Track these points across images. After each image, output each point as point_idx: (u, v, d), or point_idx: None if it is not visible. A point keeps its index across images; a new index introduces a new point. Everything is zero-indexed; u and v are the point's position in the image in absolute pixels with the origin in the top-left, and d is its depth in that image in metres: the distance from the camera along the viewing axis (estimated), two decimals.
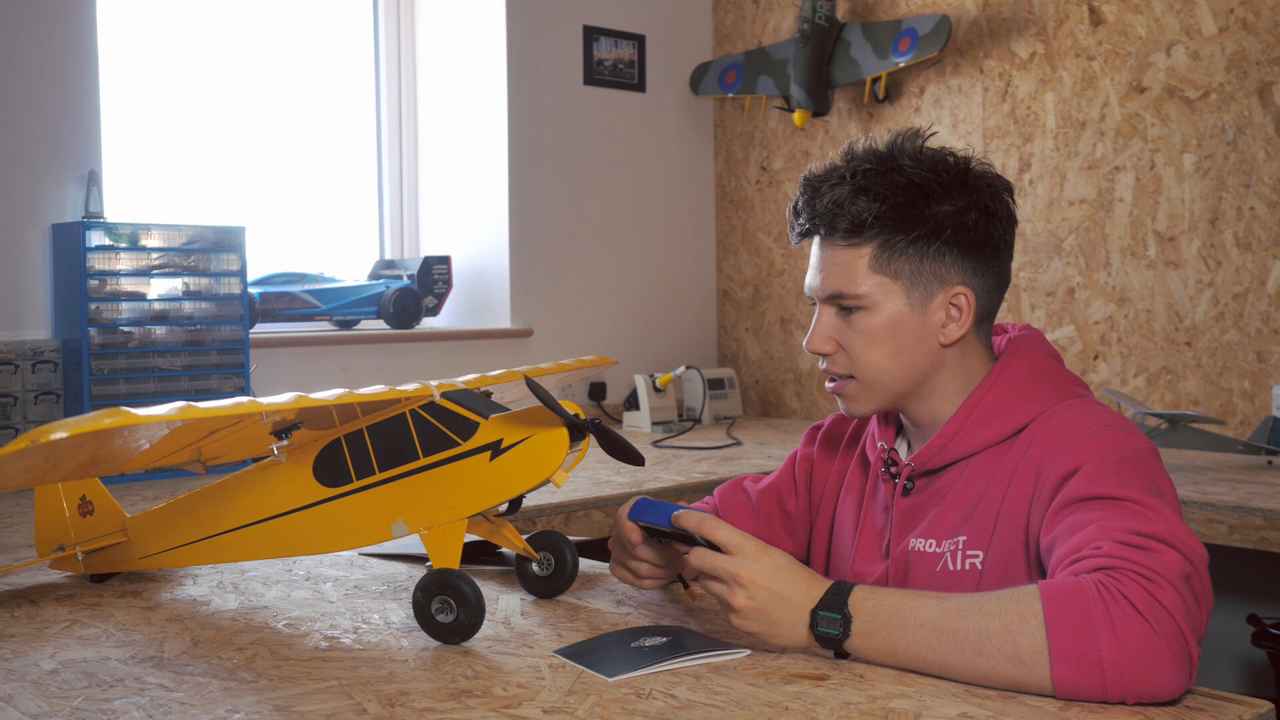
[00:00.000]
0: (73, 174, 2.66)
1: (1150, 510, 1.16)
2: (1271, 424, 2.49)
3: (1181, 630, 1.06)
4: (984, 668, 1.09)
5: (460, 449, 1.25)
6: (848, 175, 1.41)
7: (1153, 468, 1.26)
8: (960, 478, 1.41)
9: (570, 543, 1.43)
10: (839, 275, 1.41)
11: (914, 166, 1.40)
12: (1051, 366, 1.44)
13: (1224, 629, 2.80)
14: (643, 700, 1.07)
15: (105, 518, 1.53)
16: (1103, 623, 1.05)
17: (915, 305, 1.41)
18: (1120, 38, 2.98)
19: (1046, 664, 1.06)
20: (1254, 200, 2.78)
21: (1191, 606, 1.09)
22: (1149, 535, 1.12)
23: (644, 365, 3.67)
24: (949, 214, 1.39)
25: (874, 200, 1.38)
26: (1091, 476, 1.23)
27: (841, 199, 1.39)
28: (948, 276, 1.41)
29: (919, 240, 1.39)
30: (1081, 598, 1.07)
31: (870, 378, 1.42)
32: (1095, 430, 1.30)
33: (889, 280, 1.40)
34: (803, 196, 1.44)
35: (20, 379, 2.51)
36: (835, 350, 1.43)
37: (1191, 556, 1.12)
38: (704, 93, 3.75)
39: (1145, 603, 1.06)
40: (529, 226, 3.46)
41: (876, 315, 1.40)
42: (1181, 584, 1.09)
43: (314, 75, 3.42)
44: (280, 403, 1.21)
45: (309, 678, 1.15)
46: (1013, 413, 1.39)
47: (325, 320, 3.22)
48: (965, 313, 1.42)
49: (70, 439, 1.06)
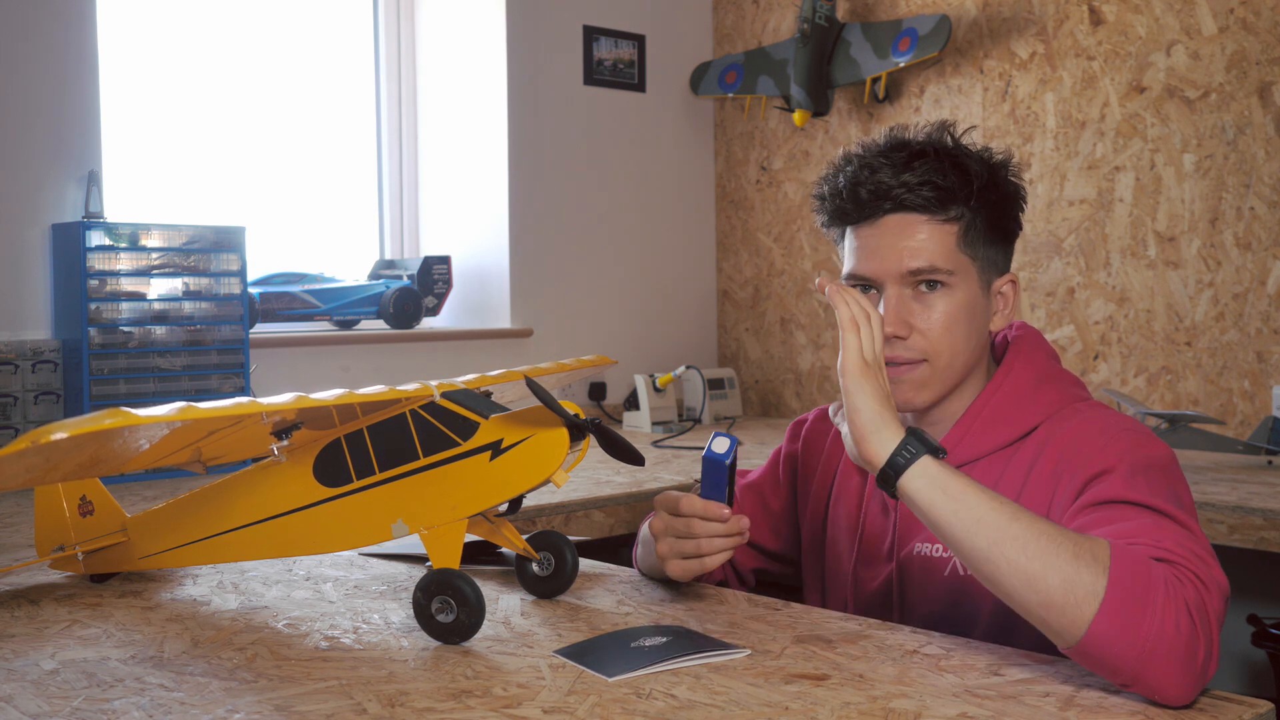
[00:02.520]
0: (73, 174, 2.66)
1: (1186, 529, 1.15)
2: (1271, 424, 2.49)
3: (1213, 644, 1.06)
4: (1036, 571, 1.07)
5: (460, 449, 1.25)
6: (929, 150, 1.37)
7: (1174, 477, 1.25)
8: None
9: (570, 543, 1.43)
10: (926, 251, 1.35)
11: (984, 154, 1.40)
12: (1053, 368, 1.43)
13: (1224, 629, 2.80)
14: (643, 700, 1.07)
15: (105, 518, 1.53)
16: (1160, 603, 1.04)
17: (983, 290, 1.40)
18: (1120, 38, 2.98)
19: (1094, 610, 1.04)
20: (1254, 200, 2.78)
21: (1220, 627, 1.09)
22: (1203, 551, 1.13)
23: (644, 365, 3.67)
24: (1011, 203, 1.41)
25: (967, 178, 1.36)
26: (1125, 481, 1.21)
27: (930, 172, 1.35)
28: (1002, 264, 1.42)
29: (993, 225, 1.39)
30: (1148, 572, 1.06)
31: (946, 361, 1.37)
32: (1116, 434, 1.29)
33: (969, 261, 1.38)
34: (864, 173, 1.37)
35: (20, 379, 2.51)
36: (910, 333, 1.37)
37: (1225, 582, 1.13)
38: (704, 93, 3.75)
39: (1198, 606, 1.06)
40: (529, 226, 3.46)
41: (957, 295, 1.37)
42: (1223, 602, 1.10)
43: (314, 75, 3.42)
44: (280, 403, 1.21)
45: (309, 678, 1.15)
46: (1019, 417, 1.38)
47: (325, 320, 3.22)
48: (1010, 302, 1.43)
49: (70, 439, 1.06)
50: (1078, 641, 1.06)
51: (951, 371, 1.38)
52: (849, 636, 1.26)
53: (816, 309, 3.66)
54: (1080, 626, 1.05)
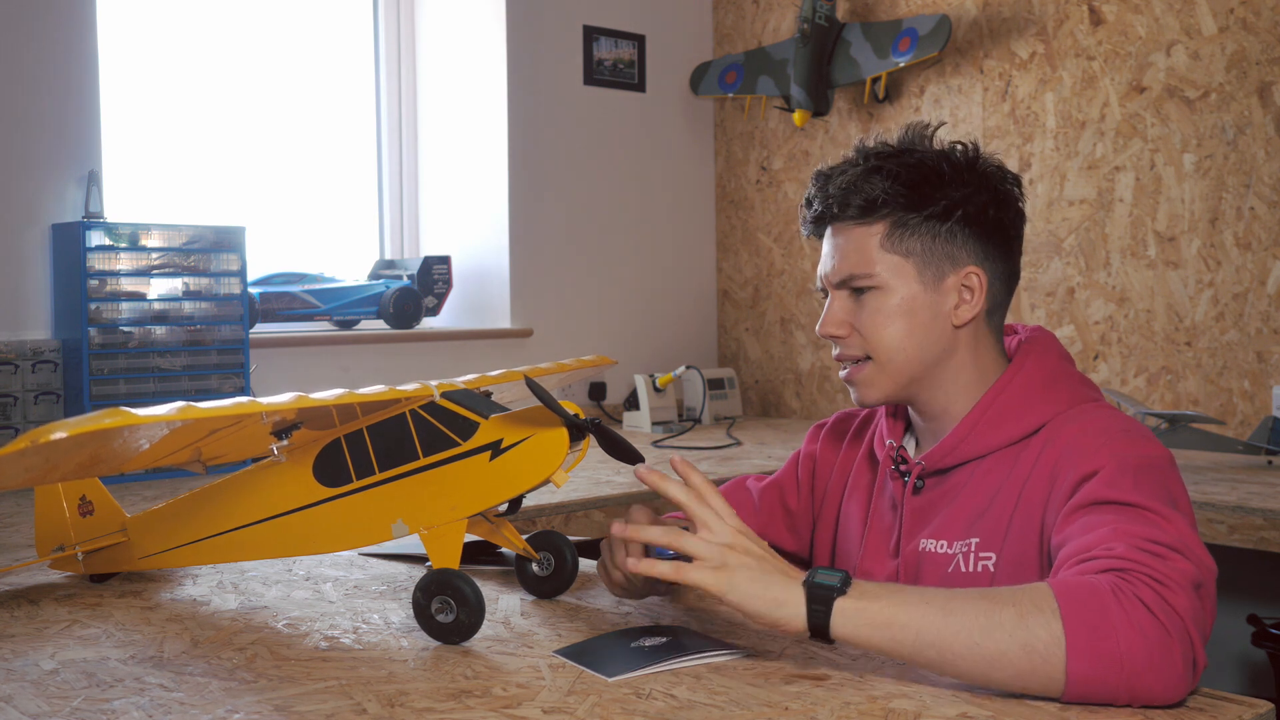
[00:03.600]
0: (73, 174, 2.66)
1: (1165, 520, 1.15)
2: (1271, 424, 2.49)
3: (1191, 634, 1.05)
4: (992, 652, 1.06)
5: (460, 449, 1.25)
6: (860, 160, 1.44)
7: (1170, 477, 1.25)
8: (972, 478, 1.40)
9: (570, 543, 1.43)
10: (851, 257, 1.42)
11: (925, 152, 1.44)
12: (1065, 369, 1.44)
13: (1224, 629, 2.80)
14: (643, 700, 1.07)
15: (105, 518, 1.53)
16: (1119, 620, 1.04)
17: (928, 285, 1.41)
18: (1120, 38, 2.98)
19: (1062, 657, 1.04)
20: (1254, 200, 2.78)
21: (1199, 614, 1.08)
22: (1163, 544, 1.11)
23: (644, 365, 3.67)
24: (960, 195, 1.41)
25: (886, 178, 1.40)
26: (1109, 480, 1.22)
27: (853, 179, 1.42)
28: (959, 257, 1.42)
29: (931, 219, 1.40)
30: (1096, 596, 1.06)
31: (885, 357, 1.41)
32: (1113, 435, 1.30)
33: (901, 259, 1.41)
34: (814, 186, 1.47)
35: (20, 379, 2.51)
36: (849, 333, 1.43)
37: (1201, 568, 1.12)
38: (704, 93, 3.75)
39: (1159, 605, 1.05)
40: (529, 226, 3.46)
41: (890, 295, 1.41)
42: (1192, 591, 1.08)
43: (314, 75, 3.42)
44: (280, 403, 1.21)
45: (309, 678, 1.15)
46: (1027, 415, 1.39)
47: (325, 320, 3.22)
48: (977, 294, 1.42)
49: (70, 439, 1.06)
50: (1063, 691, 1.06)
51: (896, 367, 1.42)
52: None
53: (816, 309, 3.66)
54: (1058, 679, 1.05)
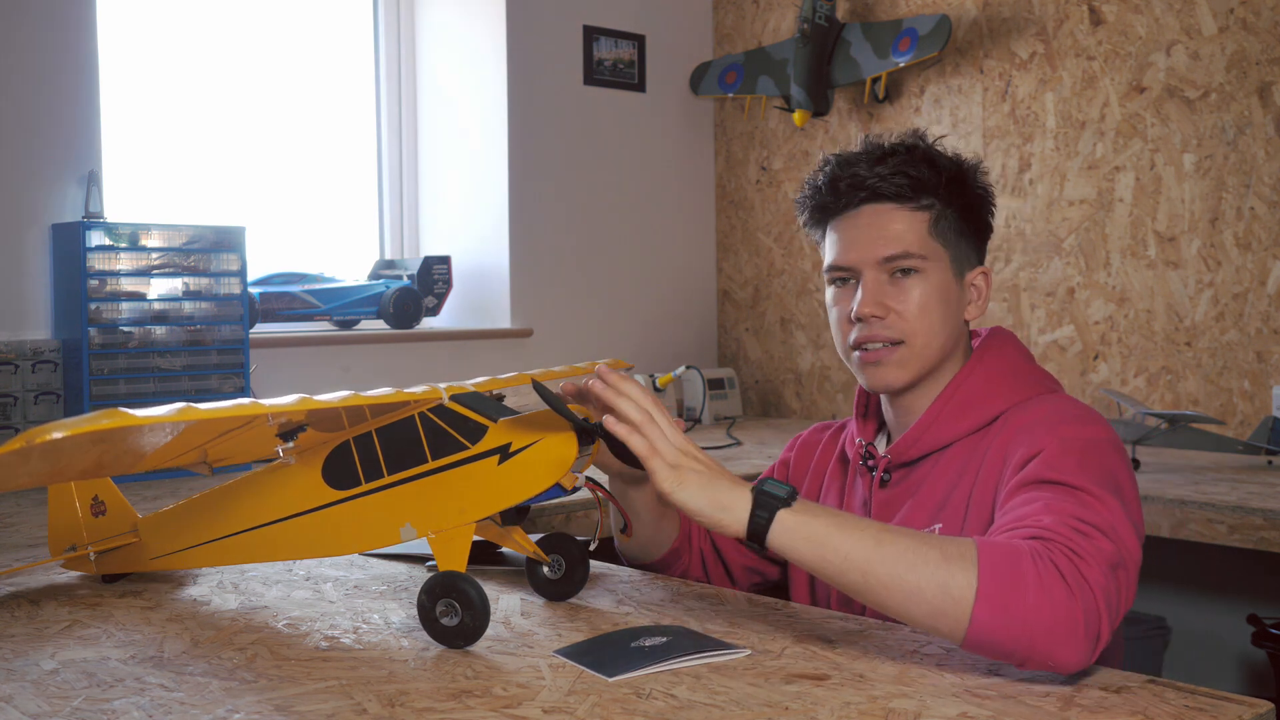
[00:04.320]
0: (73, 174, 2.66)
1: (1099, 502, 1.20)
2: (1271, 424, 2.49)
3: (1099, 606, 1.10)
4: (912, 585, 1.11)
5: (468, 453, 1.25)
6: (901, 149, 1.47)
7: (1112, 460, 1.29)
8: (935, 469, 1.46)
9: (582, 545, 1.43)
10: (899, 238, 1.44)
11: (947, 156, 1.50)
12: (1024, 363, 1.49)
13: (1224, 629, 2.80)
14: (643, 700, 1.07)
15: (117, 518, 1.53)
16: (1032, 580, 1.09)
17: (956, 277, 1.48)
18: (1120, 38, 2.98)
19: (971, 602, 1.09)
20: (1254, 200, 2.78)
21: (1112, 592, 1.12)
22: (1089, 523, 1.16)
23: (644, 365, 3.67)
24: (975, 202, 1.49)
25: (936, 169, 1.45)
26: (1051, 461, 1.26)
27: (903, 164, 1.45)
28: (973, 257, 1.50)
29: (964, 217, 1.47)
30: (1015, 555, 1.11)
31: (922, 342, 1.44)
32: (1063, 419, 1.35)
33: (941, 248, 1.46)
34: (842, 169, 1.47)
35: (20, 379, 2.51)
36: (888, 314, 1.44)
37: (1124, 551, 1.16)
38: (704, 93, 3.75)
39: (1072, 575, 1.10)
40: (529, 226, 3.46)
41: (930, 280, 1.45)
42: (1107, 568, 1.13)
43: (314, 75, 3.42)
44: (283, 404, 1.21)
45: (309, 678, 1.15)
46: (986, 404, 1.44)
47: (325, 320, 3.22)
48: (984, 294, 1.50)
49: (68, 439, 1.06)
50: (964, 636, 1.10)
51: (929, 353, 1.45)
52: (849, 636, 1.26)
53: (816, 309, 3.66)
54: (963, 622, 1.10)
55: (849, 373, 3.55)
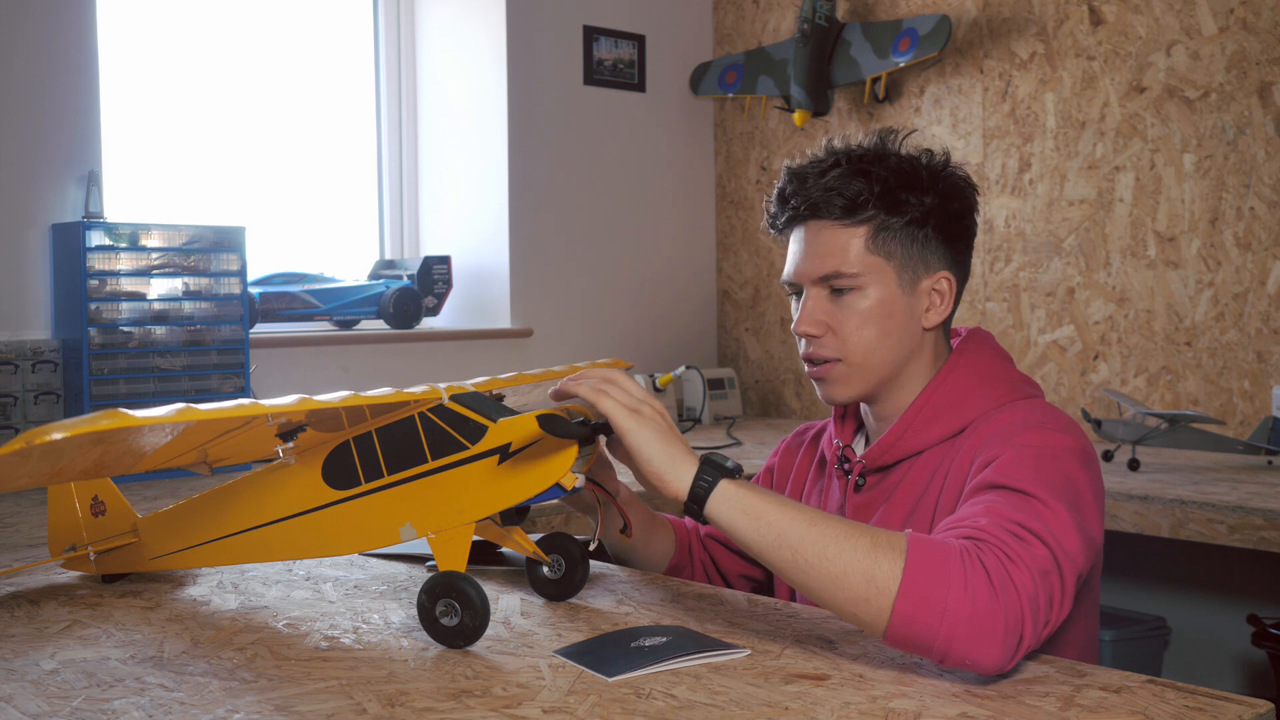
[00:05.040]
0: (73, 174, 2.66)
1: (1045, 509, 1.19)
2: (1271, 424, 2.49)
3: (1023, 610, 1.09)
4: (839, 570, 1.12)
5: (468, 453, 1.25)
6: (842, 160, 1.45)
7: (1072, 469, 1.28)
8: (908, 475, 1.45)
9: (582, 545, 1.43)
10: (834, 255, 1.43)
11: (902, 157, 1.47)
12: (999, 366, 1.48)
13: (1224, 629, 2.80)
14: (643, 700, 1.07)
15: (117, 518, 1.53)
16: (957, 578, 1.09)
17: (904, 288, 1.45)
18: (1120, 38, 2.98)
19: (893, 594, 1.09)
20: (1254, 200, 2.78)
21: (1041, 597, 1.12)
22: (1027, 529, 1.16)
23: (644, 365, 3.67)
24: (935, 203, 1.45)
25: (872, 182, 1.43)
26: (1005, 468, 1.26)
27: (838, 180, 1.43)
28: (932, 262, 1.46)
29: (911, 224, 1.44)
30: (944, 552, 1.11)
31: (860, 359, 1.44)
32: (1027, 425, 1.34)
33: (882, 261, 1.44)
34: (791, 184, 1.47)
35: (20, 379, 2.51)
36: (825, 332, 1.45)
37: (1060, 558, 1.15)
38: (704, 93, 3.75)
39: (998, 575, 1.10)
40: (529, 226, 3.46)
41: (869, 296, 1.43)
42: (1038, 574, 1.12)
43: (314, 75, 3.42)
44: (283, 404, 1.21)
45: (309, 678, 1.15)
46: (959, 411, 1.43)
47: (325, 320, 3.22)
48: (947, 298, 1.47)
49: (68, 440, 1.06)
50: (885, 627, 1.10)
51: (869, 368, 1.45)
52: (849, 636, 1.26)
53: None
54: (884, 614, 1.10)
55: None
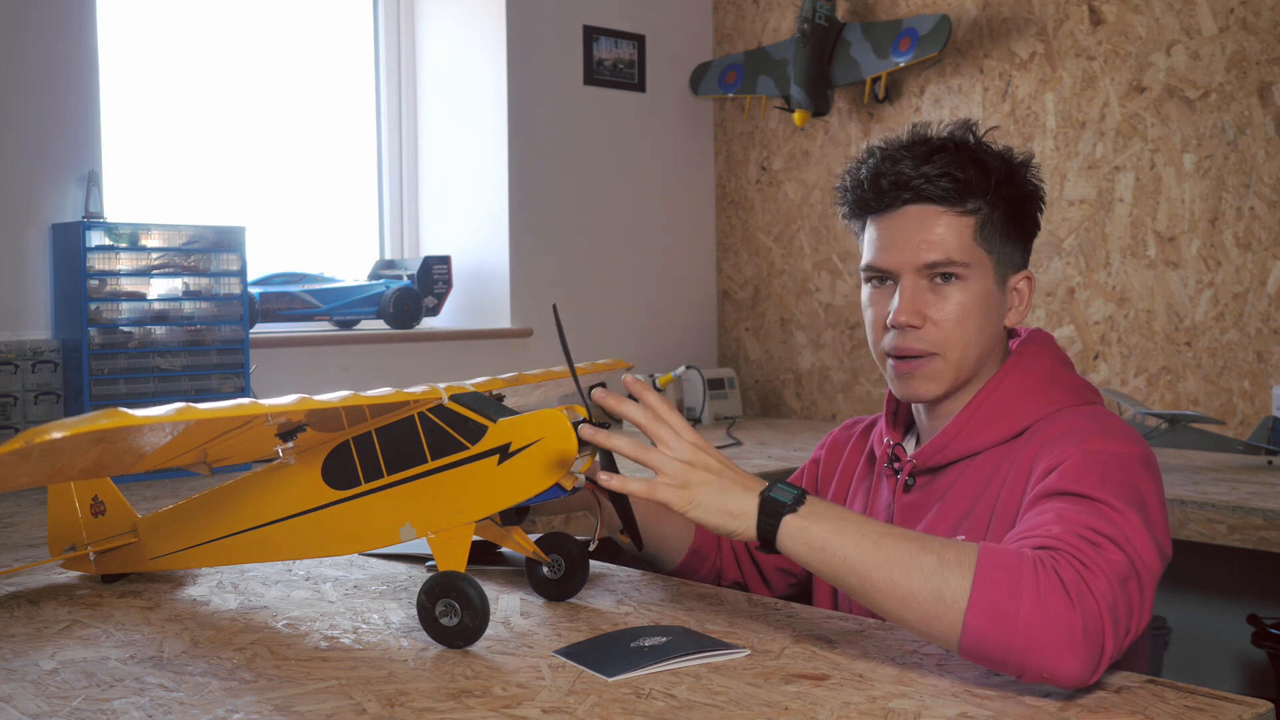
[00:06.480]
0: (73, 174, 2.66)
1: (1115, 513, 1.16)
2: (1271, 424, 2.49)
3: (1102, 619, 1.06)
4: (905, 591, 1.09)
5: (468, 453, 1.25)
6: (950, 145, 1.40)
7: (1139, 474, 1.24)
8: (961, 477, 1.41)
9: (582, 545, 1.43)
10: (945, 243, 1.37)
11: (999, 151, 1.43)
12: (1059, 371, 1.43)
13: (1224, 629, 2.80)
14: (643, 700, 1.07)
15: (117, 518, 1.53)
16: (1030, 588, 1.06)
17: (998, 284, 1.42)
18: (1120, 38, 2.98)
19: (963, 608, 1.07)
20: (1254, 200, 2.78)
21: (1121, 605, 1.08)
22: (1102, 534, 1.13)
23: (644, 365, 3.67)
24: (1028, 201, 1.42)
25: (985, 172, 1.38)
26: (1070, 472, 1.22)
27: (950, 165, 1.37)
28: (1018, 261, 1.44)
29: (1009, 221, 1.41)
30: (1016, 563, 1.08)
31: (958, 355, 1.39)
32: (1090, 432, 1.30)
33: (985, 254, 1.40)
34: (886, 164, 1.40)
35: (20, 379, 2.51)
36: (925, 324, 1.39)
37: (1138, 564, 1.12)
38: (704, 93, 3.75)
39: (1075, 585, 1.06)
40: (529, 226, 3.46)
41: (971, 289, 1.39)
42: (1116, 581, 1.09)
43: (314, 76, 3.42)
44: (283, 404, 1.21)
45: (309, 678, 1.15)
46: (1017, 414, 1.39)
47: (325, 320, 3.22)
48: (1026, 299, 1.44)
49: (68, 439, 1.06)
50: (959, 642, 1.08)
51: (964, 365, 1.40)
52: (848, 636, 1.26)
53: (816, 309, 3.66)
54: (956, 628, 1.08)
55: (849, 373, 3.56)
